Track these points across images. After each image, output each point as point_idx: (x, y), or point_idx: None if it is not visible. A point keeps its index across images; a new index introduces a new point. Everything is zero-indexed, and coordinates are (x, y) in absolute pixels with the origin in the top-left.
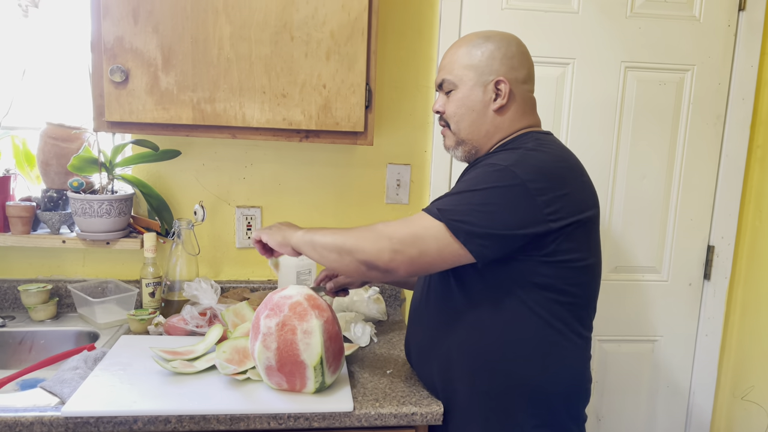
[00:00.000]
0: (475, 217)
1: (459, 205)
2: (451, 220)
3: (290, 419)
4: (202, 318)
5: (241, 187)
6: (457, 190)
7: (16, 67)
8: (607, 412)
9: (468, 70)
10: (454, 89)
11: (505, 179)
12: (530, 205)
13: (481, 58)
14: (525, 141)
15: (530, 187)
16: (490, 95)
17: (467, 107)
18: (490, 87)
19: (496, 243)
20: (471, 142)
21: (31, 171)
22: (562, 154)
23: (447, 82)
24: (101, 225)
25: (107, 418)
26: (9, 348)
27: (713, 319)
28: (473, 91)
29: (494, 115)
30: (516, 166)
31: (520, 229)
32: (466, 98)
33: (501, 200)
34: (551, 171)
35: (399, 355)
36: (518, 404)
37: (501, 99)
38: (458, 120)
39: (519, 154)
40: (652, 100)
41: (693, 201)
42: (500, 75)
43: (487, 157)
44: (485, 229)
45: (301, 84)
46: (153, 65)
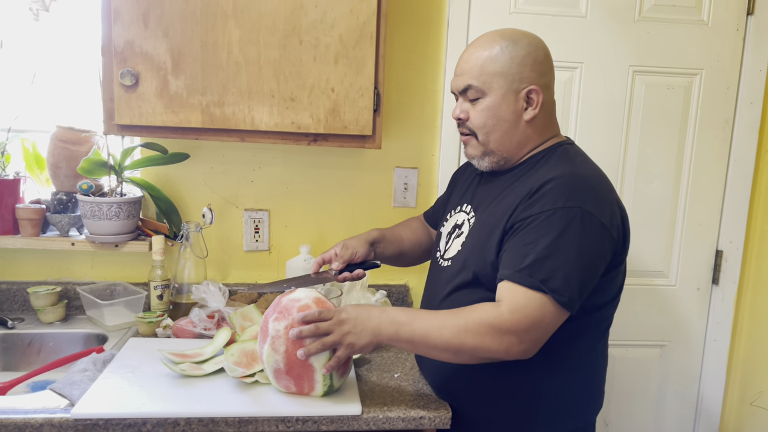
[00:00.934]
0: (576, 281)
1: (558, 272)
2: (555, 293)
3: (298, 422)
4: (211, 321)
5: (249, 190)
6: (542, 244)
7: (27, 70)
8: (615, 417)
9: (497, 77)
10: (481, 97)
11: (586, 224)
12: (610, 244)
13: (512, 64)
14: (564, 156)
15: (606, 224)
16: (522, 104)
17: (498, 117)
18: (522, 95)
19: (588, 291)
20: (500, 153)
21: (40, 174)
22: (601, 173)
23: (473, 89)
24: (110, 227)
25: (116, 421)
26: (18, 350)
27: (722, 324)
28: (504, 100)
29: (526, 125)
30: (587, 203)
31: (603, 269)
32: (496, 108)
33: (593, 250)
34: (607, 198)
35: (407, 359)
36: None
37: (533, 109)
38: (488, 131)
39: (579, 184)
40: (661, 104)
41: (701, 205)
42: (532, 83)
43: (540, 187)
44: (585, 290)
45: (309, 88)
46: (163, 69)
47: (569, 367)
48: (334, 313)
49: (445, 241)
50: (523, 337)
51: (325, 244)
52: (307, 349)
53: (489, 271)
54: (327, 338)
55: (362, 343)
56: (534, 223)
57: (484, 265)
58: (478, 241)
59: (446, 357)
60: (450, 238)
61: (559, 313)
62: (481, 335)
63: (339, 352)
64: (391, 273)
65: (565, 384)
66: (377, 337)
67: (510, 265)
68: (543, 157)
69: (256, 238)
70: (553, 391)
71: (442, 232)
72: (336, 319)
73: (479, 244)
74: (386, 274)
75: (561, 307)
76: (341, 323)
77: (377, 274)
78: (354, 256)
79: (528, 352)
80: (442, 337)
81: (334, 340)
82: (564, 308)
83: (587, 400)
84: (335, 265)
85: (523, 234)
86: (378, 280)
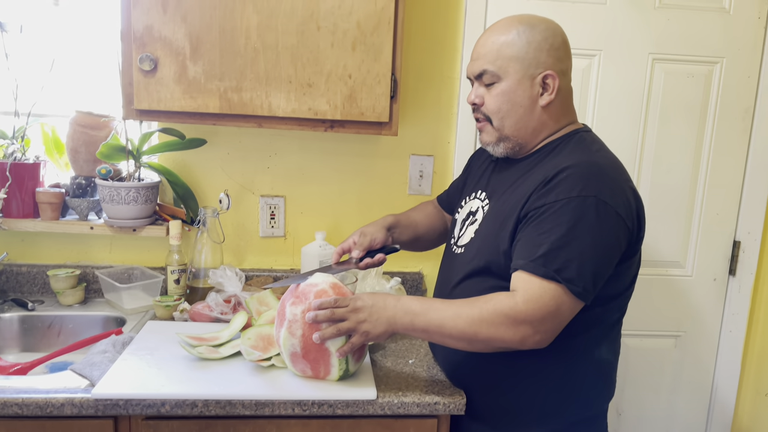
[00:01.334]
0: (590, 271)
1: (572, 261)
2: (569, 283)
3: (314, 406)
4: (227, 305)
5: (266, 176)
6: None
7: (47, 55)
8: (628, 406)
9: (513, 61)
10: (497, 81)
11: (601, 214)
12: (625, 234)
13: (528, 49)
14: (579, 144)
15: (621, 214)
16: (538, 89)
17: (513, 102)
18: (538, 80)
19: (603, 281)
20: (516, 139)
21: (60, 158)
22: (617, 161)
23: (489, 74)
24: (128, 212)
25: (136, 401)
26: (38, 332)
27: (738, 315)
28: (520, 85)
29: (542, 111)
30: (602, 192)
31: (617, 259)
32: (512, 92)
33: (607, 240)
34: (622, 187)
35: (421, 345)
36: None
37: (549, 94)
38: (503, 116)
39: (594, 172)
40: (680, 92)
41: (719, 195)
42: (548, 68)
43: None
44: (599, 280)
45: (326, 74)
46: (181, 54)
47: (581, 356)
48: (350, 301)
49: (459, 228)
50: (539, 327)
51: (341, 231)
52: (322, 333)
53: (501, 260)
54: (342, 324)
55: (377, 331)
56: (548, 212)
57: (496, 253)
58: (492, 229)
59: (461, 346)
60: (464, 225)
61: (574, 303)
62: (495, 325)
63: (353, 339)
64: (406, 260)
65: (577, 372)
66: (392, 327)
67: (524, 254)
68: (559, 144)
69: (272, 224)
70: (564, 380)
71: (457, 218)
72: (352, 306)
73: (492, 232)
74: (401, 262)
75: (575, 297)
76: (357, 311)
77: (391, 262)
78: (373, 243)
79: (543, 342)
80: (456, 327)
81: (349, 327)
82: (578, 298)
83: (599, 388)
84: (355, 253)
85: (537, 223)
86: (392, 268)
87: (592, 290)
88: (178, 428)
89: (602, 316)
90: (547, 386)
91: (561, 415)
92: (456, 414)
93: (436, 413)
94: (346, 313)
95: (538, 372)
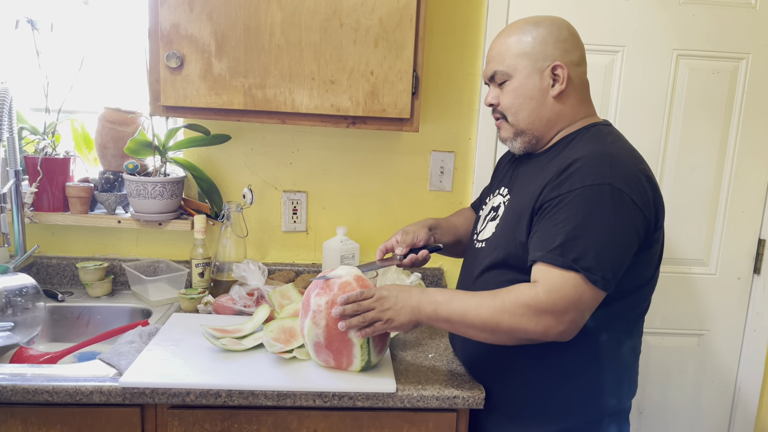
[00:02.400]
0: (608, 259)
1: (589, 250)
2: (588, 272)
3: (335, 398)
4: (250, 298)
5: (288, 172)
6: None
7: (76, 53)
8: (649, 405)
9: (521, 58)
10: (508, 80)
11: (617, 202)
12: (642, 222)
13: (534, 44)
14: (596, 136)
15: (637, 202)
16: (548, 81)
17: (525, 96)
18: (547, 73)
19: (622, 270)
20: (531, 132)
21: (89, 153)
22: (635, 152)
23: (500, 73)
24: (154, 206)
25: (162, 390)
26: (68, 322)
27: (762, 315)
28: (529, 79)
29: (554, 102)
30: (616, 180)
31: (635, 248)
32: (522, 87)
33: (624, 227)
34: (638, 175)
35: (441, 340)
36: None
37: (560, 84)
38: (516, 110)
39: (607, 161)
40: (705, 89)
41: (744, 193)
42: (556, 59)
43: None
44: (618, 269)
45: (349, 71)
46: (207, 51)
47: (603, 352)
48: (375, 291)
49: (481, 223)
50: (561, 318)
51: (362, 226)
52: (348, 321)
53: (519, 252)
54: (368, 314)
55: (402, 320)
56: (563, 202)
57: (514, 245)
58: (510, 222)
59: (484, 337)
60: (485, 221)
61: (594, 292)
62: (518, 316)
63: (377, 324)
64: None
65: (599, 368)
66: (416, 316)
67: (541, 246)
68: (575, 137)
69: (294, 219)
70: (586, 375)
71: (481, 215)
72: (377, 296)
73: (510, 225)
74: None
75: (595, 287)
76: (382, 300)
77: None
78: (416, 240)
79: (566, 333)
80: (479, 317)
81: (374, 316)
82: (598, 287)
83: (620, 385)
84: (399, 251)
85: (552, 214)
86: None
87: (611, 279)
88: (202, 417)
89: (625, 309)
90: (568, 382)
91: (581, 411)
92: (475, 408)
93: (455, 407)
94: (371, 304)
95: (559, 367)
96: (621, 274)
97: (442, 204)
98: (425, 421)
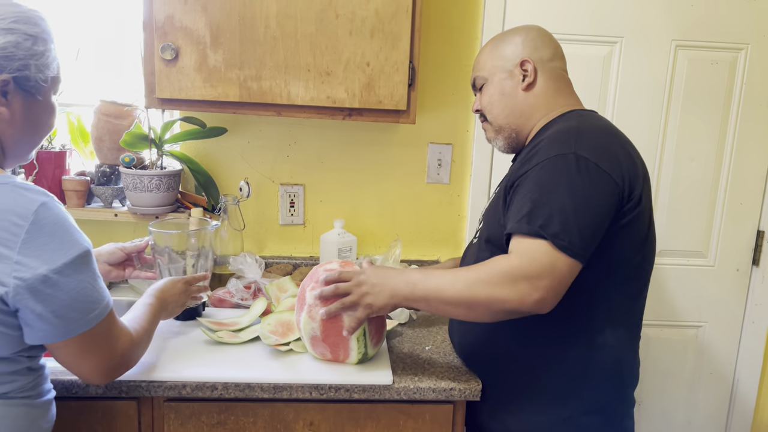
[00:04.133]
0: (574, 225)
1: (554, 216)
2: (555, 238)
3: (331, 390)
4: (247, 291)
5: (285, 165)
6: (537, 192)
7: (71, 45)
8: (647, 397)
9: (494, 62)
10: (485, 84)
11: (582, 168)
12: (612, 188)
13: (505, 49)
14: (569, 118)
15: (604, 168)
16: (518, 77)
17: (498, 93)
18: (517, 70)
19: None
20: (509, 126)
21: (85, 147)
22: (612, 129)
23: (479, 79)
24: (151, 199)
25: (158, 383)
26: None
27: (761, 306)
28: (502, 78)
29: (525, 94)
30: (580, 148)
31: (608, 216)
32: (496, 86)
33: (590, 193)
34: (609, 144)
35: (438, 333)
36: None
37: (528, 77)
38: (491, 107)
39: (573, 133)
40: (704, 80)
41: (743, 185)
42: (524, 56)
43: (537, 143)
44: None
45: (345, 62)
46: (202, 43)
47: (598, 341)
48: (354, 275)
49: (479, 222)
50: (536, 284)
51: (359, 219)
52: (328, 309)
53: (498, 232)
54: (346, 299)
55: (380, 303)
56: (530, 175)
57: (494, 225)
58: (492, 208)
59: (462, 313)
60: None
61: (567, 260)
62: (492, 284)
63: (358, 312)
64: (423, 248)
65: (594, 358)
66: (394, 298)
67: (511, 218)
68: (552, 124)
69: (292, 212)
70: (583, 365)
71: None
72: (355, 280)
73: (492, 210)
74: (418, 250)
75: (566, 254)
76: (360, 284)
77: (409, 250)
78: None
79: (543, 302)
80: (454, 290)
81: (353, 300)
82: (568, 254)
83: (620, 375)
84: None
85: (521, 188)
86: (410, 256)
87: (580, 245)
88: (198, 410)
89: (613, 290)
90: (565, 371)
91: (580, 401)
92: (471, 400)
93: (452, 399)
94: (349, 287)
95: (556, 356)
96: (594, 242)
97: (439, 197)
98: (422, 413)
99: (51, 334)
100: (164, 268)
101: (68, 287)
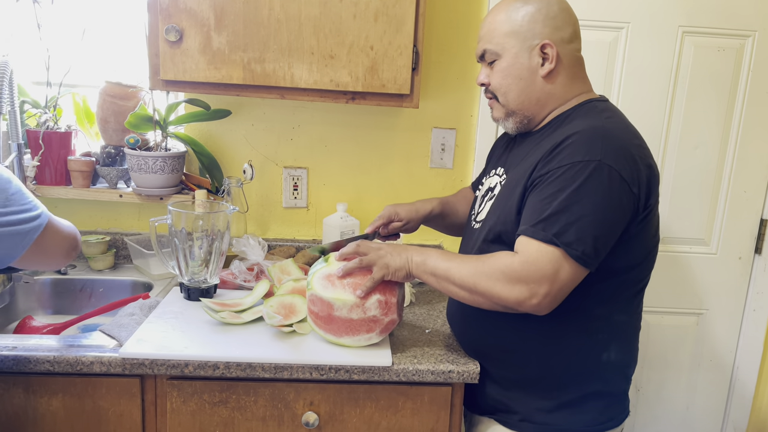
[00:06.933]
0: (590, 236)
1: (572, 225)
2: (568, 247)
3: (331, 371)
4: (250, 273)
5: (289, 148)
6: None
7: (77, 26)
8: (647, 383)
9: (509, 37)
10: (497, 59)
11: (605, 178)
12: (630, 199)
13: (522, 22)
14: (591, 114)
15: (626, 178)
16: (537, 60)
17: (514, 76)
18: (536, 52)
19: (607, 247)
20: (522, 112)
21: (90, 127)
22: (631, 128)
23: (489, 53)
24: (155, 181)
25: (161, 361)
26: (71, 294)
27: (762, 294)
28: (518, 58)
29: (544, 82)
30: (606, 157)
31: (622, 226)
32: (511, 67)
33: (610, 204)
34: (630, 152)
35: (438, 316)
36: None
37: (549, 63)
38: (506, 91)
39: (599, 137)
40: (710, 66)
41: (748, 173)
42: (545, 38)
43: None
44: (602, 246)
45: (348, 45)
46: (206, 25)
47: (600, 327)
48: (372, 244)
49: (478, 204)
50: (535, 290)
51: (362, 203)
52: (345, 267)
53: (510, 228)
54: (364, 258)
55: (396, 264)
56: (552, 177)
57: (506, 222)
58: (504, 200)
59: (464, 296)
60: (483, 201)
61: (574, 268)
62: (492, 280)
63: (374, 273)
64: (425, 234)
65: (595, 344)
66: (408, 263)
67: (527, 220)
68: (570, 114)
69: (295, 195)
70: (584, 352)
71: (478, 195)
72: (375, 245)
73: (504, 202)
74: (420, 235)
75: (576, 262)
76: (378, 249)
77: (411, 235)
78: (393, 217)
79: (541, 307)
80: (460, 274)
81: (371, 259)
82: (578, 262)
83: (620, 362)
84: (369, 228)
85: (541, 190)
86: (412, 241)
87: (593, 255)
88: (200, 388)
89: (618, 289)
90: (565, 357)
91: (579, 386)
92: (470, 382)
93: (450, 381)
94: (368, 249)
95: (556, 342)
96: (605, 251)
97: (443, 181)
98: (421, 395)
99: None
100: (179, 249)
101: None
